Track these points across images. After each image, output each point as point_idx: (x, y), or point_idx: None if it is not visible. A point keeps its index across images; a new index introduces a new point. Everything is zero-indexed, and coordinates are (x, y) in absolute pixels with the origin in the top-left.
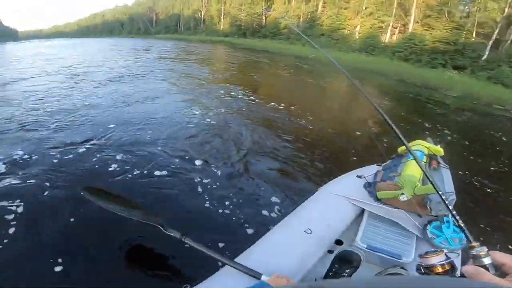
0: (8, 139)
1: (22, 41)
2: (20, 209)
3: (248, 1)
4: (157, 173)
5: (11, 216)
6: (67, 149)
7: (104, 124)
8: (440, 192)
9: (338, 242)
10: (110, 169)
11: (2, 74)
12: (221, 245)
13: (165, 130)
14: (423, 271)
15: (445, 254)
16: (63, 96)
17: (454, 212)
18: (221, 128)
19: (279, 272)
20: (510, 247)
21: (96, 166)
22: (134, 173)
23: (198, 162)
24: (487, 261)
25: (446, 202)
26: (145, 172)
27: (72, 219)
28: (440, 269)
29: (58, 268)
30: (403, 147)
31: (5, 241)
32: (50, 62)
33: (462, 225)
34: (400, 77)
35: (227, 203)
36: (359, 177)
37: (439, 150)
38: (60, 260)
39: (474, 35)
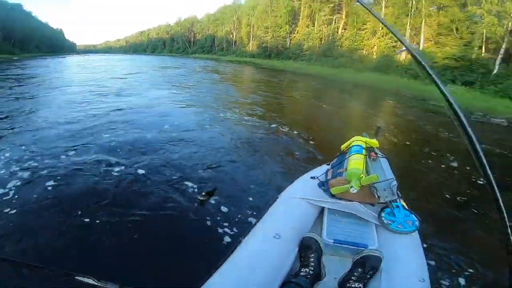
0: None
1: (81, 54)
2: None
3: (273, 25)
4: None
5: None
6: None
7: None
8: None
9: None
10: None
11: (61, 80)
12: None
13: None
14: None
15: None
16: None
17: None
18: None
19: (258, 282)
20: None
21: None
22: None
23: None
24: None
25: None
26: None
27: None
28: None
29: None
30: (345, 144)
31: None
32: (102, 74)
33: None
34: (398, 91)
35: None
36: (313, 178)
37: (374, 142)
38: None
39: (483, 50)
